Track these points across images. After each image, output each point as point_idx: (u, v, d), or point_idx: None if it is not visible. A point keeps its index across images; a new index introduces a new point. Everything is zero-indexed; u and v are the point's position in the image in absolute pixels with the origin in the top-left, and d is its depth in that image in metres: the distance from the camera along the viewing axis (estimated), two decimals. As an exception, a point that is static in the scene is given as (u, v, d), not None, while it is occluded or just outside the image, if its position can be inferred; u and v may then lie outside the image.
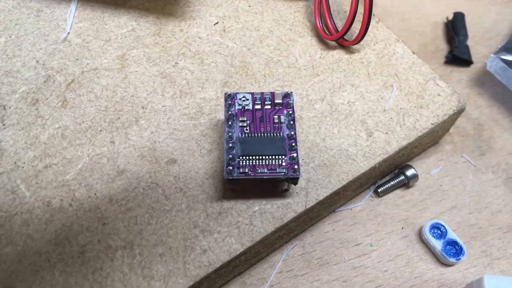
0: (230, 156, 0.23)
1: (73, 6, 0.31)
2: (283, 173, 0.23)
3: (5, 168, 0.25)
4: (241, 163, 0.23)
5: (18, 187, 0.25)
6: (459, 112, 0.29)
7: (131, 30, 0.31)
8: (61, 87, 0.28)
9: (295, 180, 0.24)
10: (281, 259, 0.28)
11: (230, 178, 0.23)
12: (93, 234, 0.24)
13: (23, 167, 0.25)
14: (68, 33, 0.30)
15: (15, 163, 0.26)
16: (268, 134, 0.24)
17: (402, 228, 0.29)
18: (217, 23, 0.32)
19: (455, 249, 0.28)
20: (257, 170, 0.23)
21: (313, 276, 0.27)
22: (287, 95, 0.25)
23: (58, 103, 0.28)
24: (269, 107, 0.25)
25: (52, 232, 0.24)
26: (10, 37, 0.30)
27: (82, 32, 0.30)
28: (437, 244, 0.28)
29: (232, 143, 0.24)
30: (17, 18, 0.31)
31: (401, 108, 0.28)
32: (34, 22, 0.31)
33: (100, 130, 0.27)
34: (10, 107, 0.27)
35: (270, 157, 0.24)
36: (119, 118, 0.27)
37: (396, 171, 0.31)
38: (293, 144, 0.24)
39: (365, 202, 0.30)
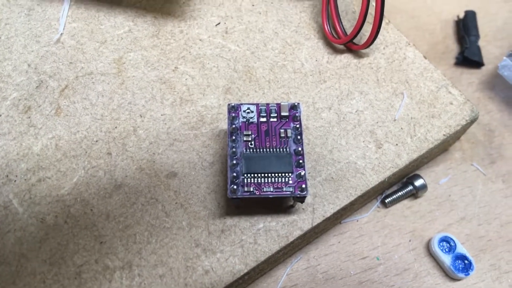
0: (234, 174, 0.22)
1: (66, 4, 0.30)
2: (289, 192, 0.22)
3: (-3, 182, 0.24)
4: (245, 181, 0.22)
5: (11, 203, 0.24)
6: (472, 122, 0.28)
7: (128, 31, 0.29)
8: (54, 93, 0.27)
9: (302, 199, 0.23)
10: (285, 273, 0.27)
11: (234, 197, 0.22)
12: (90, 254, 0.23)
13: (15, 181, 0.24)
14: (61, 34, 0.29)
15: (7, 176, 0.24)
16: (274, 150, 0.23)
17: (410, 241, 0.28)
18: (219, 23, 0.30)
19: (464, 263, 0.27)
20: (263, 188, 0.22)
21: (318, 291, 0.27)
22: (293, 107, 0.24)
23: (52, 111, 0.26)
24: (275, 119, 0.24)
25: (47, 251, 0.23)
26: (0, 38, 0.28)
27: (76, 33, 0.29)
28: (446, 259, 0.27)
29: (236, 159, 0.23)
30: (7, 17, 0.29)
31: (412, 118, 0.27)
32: (25, 22, 0.29)
33: (96, 141, 0.25)
34: (1, 115, 0.26)
35: (276, 174, 0.22)
36: (116, 127, 0.26)
37: (404, 180, 0.30)
38: (301, 161, 0.23)
39: (372, 213, 0.29)
